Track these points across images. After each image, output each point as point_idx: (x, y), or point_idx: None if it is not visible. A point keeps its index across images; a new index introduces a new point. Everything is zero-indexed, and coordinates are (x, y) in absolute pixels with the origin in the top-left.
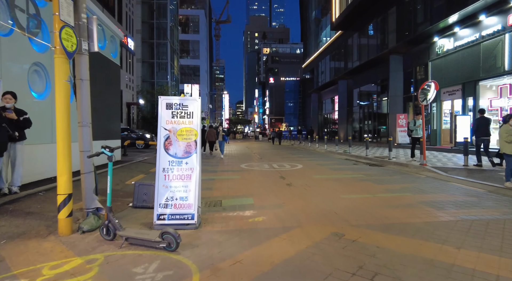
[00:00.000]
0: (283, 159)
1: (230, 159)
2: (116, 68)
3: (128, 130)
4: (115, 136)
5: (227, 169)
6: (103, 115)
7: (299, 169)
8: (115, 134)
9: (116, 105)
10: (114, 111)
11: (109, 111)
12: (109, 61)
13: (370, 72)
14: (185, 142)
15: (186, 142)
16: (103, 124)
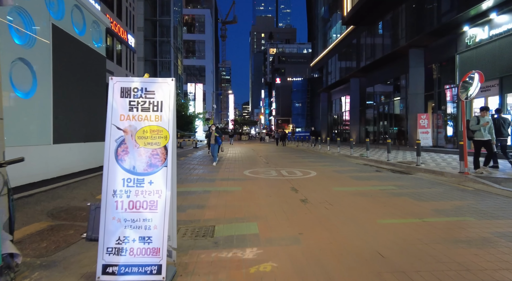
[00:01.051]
0: (293, 164)
1: (233, 163)
2: (100, 59)
3: None
4: (100, 138)
5: (228, 177)
6: (80, 112)
7: (314, 177)
8: (99, 135)
9: (101, 103)
10: (98, 108)
11: (90, 107)
12: (90, 51)
13: (386, 69)
14: (148, 148)
15: (150, 148)
16: (81, 122)
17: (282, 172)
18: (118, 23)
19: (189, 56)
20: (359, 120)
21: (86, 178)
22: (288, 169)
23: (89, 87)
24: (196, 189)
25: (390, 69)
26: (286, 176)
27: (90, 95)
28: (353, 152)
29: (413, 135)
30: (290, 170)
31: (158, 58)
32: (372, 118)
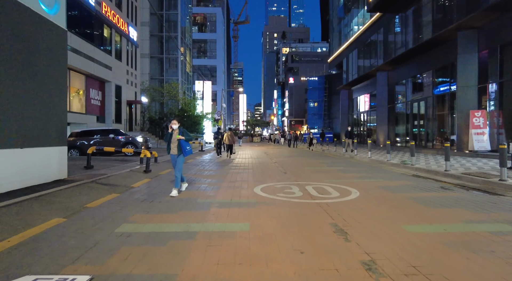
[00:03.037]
0: (318, 174)
1: (241, 172)
2: (58, 33)
3: (112, 132)
4: (53, 142)
5: (231, 198)
6: (16, 104)
7: (359, 201)
8: (52, 138)
9: (58, 91)
10: (51, 101)
11: (37, 98)
12: (38, 19)
13: (422, 59)
14: None
15: None
16: (17, 119)
17: (308, 189)
18: (117, 13)
19: (200, 56)
20: (387, 120)
21: (18, 202)
22: (315, 183)
23: (35, 70)
24: (175, 227)
25: (428, 59)
26: (316, 197)
27: (37, 82)
28: (390, 157)
29: (463, 138)
30: (318, 186)
31: (164, 55)
32: (403, 117)
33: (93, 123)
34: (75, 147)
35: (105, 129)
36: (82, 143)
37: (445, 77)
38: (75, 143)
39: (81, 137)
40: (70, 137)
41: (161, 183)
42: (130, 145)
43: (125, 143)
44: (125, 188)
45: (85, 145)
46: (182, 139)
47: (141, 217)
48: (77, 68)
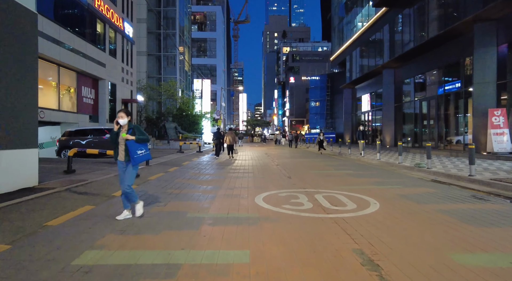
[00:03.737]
0: (326, 179)
1: (240, 178)
2: (24, 15)
3: (108, 131)
4: (19, 143)
5: (228, 212)
6: None
7: (381, 216)
8: (17, 138)
9: (26, 84)
10: (16, 94)
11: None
12: None
13: (433, 55)
14: None
15: None
16: None
17: (318, 199)
18: (111, 8)
19: (199, 55)
20: (394, 119)
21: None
22: (325, 191)
23: None
24: (152, 256)
25: (438, 55)
26: (330, 209)
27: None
28: (401, 159)
29: (480, 138)
30: (330, 194)
31: (162, 53)
32: (411, 116)
33: (85, 122)
34: (68, 147)
35: (102, 128)
36: (77, 142)
37: (458, 74)
38: (67, 143)
39: (75, 137)
40: (63, 136)
41: (149, 190)
42: None
43: None
44: (104, 197)
45: (79, 144)
46: (131, 140)
47: (113, 240)
48: (67, 64)
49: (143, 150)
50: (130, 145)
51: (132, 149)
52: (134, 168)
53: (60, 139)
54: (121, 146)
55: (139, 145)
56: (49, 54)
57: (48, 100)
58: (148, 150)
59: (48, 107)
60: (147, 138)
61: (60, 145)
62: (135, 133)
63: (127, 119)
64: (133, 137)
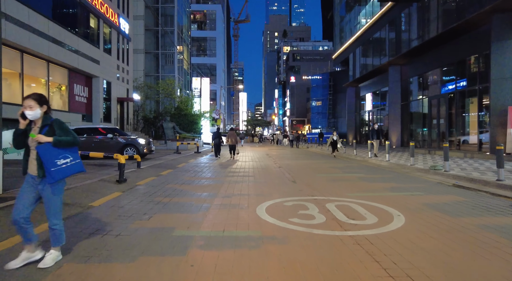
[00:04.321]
0: (336, 184)
1: (240, 182)
2: None
3: (110, 131)
4: None
5: (223, 230)
6: None
7: (411, 234)
8: None
9: None
10: None
11: None
12: None
13: (441, 51)
14: None
15: None
16: None
17: (331, 210)
18: (105, 2)
19: (199, 54)
20: (401, 119)
21: None
22: (337, 199)
23: None
24: None
25: (449, 50)
26: (347, 224)
27: None
28: (414, 160)
29: (498, 138)
30: (343, 204)
31: (160, 51)
32: (420, 115)
33: (78, 122)
34: None
35: (103, 127)
36: None
37: (471, 70)
38: None
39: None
40: None
41: (134, 198)
42: (130, 148)
43: (126, 145)
44: (78, 208)
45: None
46: (44, 144)
47: (71, 272)
48: (57, 60)
49: (69, 159)
50: (43, 151)
51: (48, 157)
52: (55, 190)
53: None
54: (32, 153)
55: (60, 150)
56: (36, 49)
57: None
58: (79, 159)
59: None
60: (73, 140)
61: None
62: (54, 133)
63: (41, 110)
64: (49, 139)
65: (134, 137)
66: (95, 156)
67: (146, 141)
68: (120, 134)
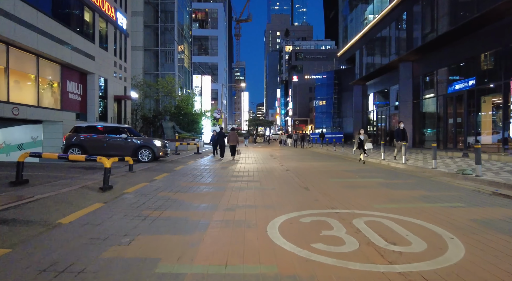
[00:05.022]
0: (356, 192)
1: (245, 189)
2: None
3: (122, 130)
4: None
5: (226, 255)
6: None
7: (488, 275)
8: None
9: None
10: None
11: None
12: None
13: (458, 45)
14: None
15: None
16: None
17: (362, 229)
18: None
19: (201, 53)
20: (412, 118)
21: None
22: (364, 212)
23: None
24: None
25: (468, 44)
26: (389, 253)
27: None
28: (436, 163)
29: None
30: (373, 220)
31: (160, 48)
32: (434, 114)
33: (71, 121)
34: (76, 145)
35: (115, 126)
36: (88, 139)
37: (494, 65)
38: (77, 140)
39: (86, 134)
40: (70, 132)
41: (117, 212)
42: (145, 149)
43: (140, 146)
44: (39, 228)
45: (90, 141)
46: None
47: None
48: (48, 54)
49: None
50: None
51: None
52: None
53: (67, 136)
54: None
55: None
56: (23, 42)
57: (25, 95)
58: None
59: (24, 103)
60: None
61: (66, 143)
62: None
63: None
64: None
65: (150, 138)
66: (76, 159)
67: (162, 143)
68: (134, 135)
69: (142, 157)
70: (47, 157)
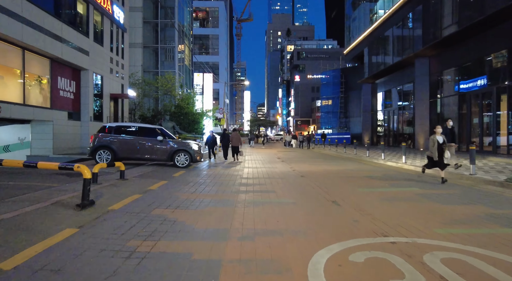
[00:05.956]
0: (397, 207)
1: (260, 203)
2: None
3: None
4: None
5: None
6: None
7: None
8: None
9: None
10: None
11: None
12: None
13: (484, 37)
14: None
15: None
16: None
17: (449, 278)
18: None
19: (202, 52)
20: (429, 118)
21: None
22: (431, 243)
23: None
24: None
25: (499, 34)
26: None
27: None
28: (474, 169)
29: None
30: (454, 259)
31: (159, 45)
32: (455, 114)
33: (63, 120)
34: (105, 147)
35: (148, 127)
36: (120, 141)
37: None
38: (106, 142)
39: (116, 135)
40: (99, 132)
41: (92, 244)
42: (183, 154)
43: (177, 150)
44: None
45: (121, 143)
46: None
47: None
48: (35, 47)
49: None
50: None
51: None
52: None
53: (94, 136)
54: None
55: None
56: (4, 32)
57: (8, 92)
58: None
59: (7, 101)
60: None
61: (94, 144)
62: None
63: None
64: None
65: (185, 141)
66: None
67: (198, 146)
68: (167, 137)
69: (179, 161)
70: (8, 165)
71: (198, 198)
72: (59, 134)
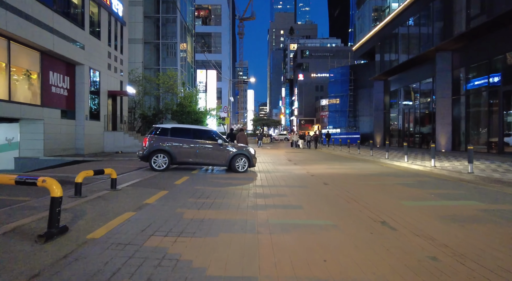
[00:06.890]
0: (472, 233)
1: (287, 227)
2: None
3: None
4: None
5: None
6: None
7: None
8: None
9: None
10: None
11: None
12: None
13: None
14: None
15: None
16: None
17: None
18: None
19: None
20: (452, 116)
21: None
22: None
23: None
24: None
25: None
26: None
27: None
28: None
29: None
30: None
31: (161, 41)
32: (482, 112)
33: (55, 119)
34: (162, 151)
35: (203, 129)
36: (177, 146)
37: None
38: (164, 145)
39: (173, 137)
40: (152, 134)
41: None
42: (241, 158)
43: (236, 155)
44: None
45: (179, 147)
46: None
47: None
48: (23, 38)
49: None
50: None
51: None
52: None
53: (148, 138)
54: None
55: None
56: None
57: None
58: None
59: None
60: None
61: (149, 147)
62: None
63: None
64: None
65: (241, 145)
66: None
67: (254, 150)
68: (223, 140)
69: (238, 166)
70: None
71: (206, 216)
72: (51, 134)
